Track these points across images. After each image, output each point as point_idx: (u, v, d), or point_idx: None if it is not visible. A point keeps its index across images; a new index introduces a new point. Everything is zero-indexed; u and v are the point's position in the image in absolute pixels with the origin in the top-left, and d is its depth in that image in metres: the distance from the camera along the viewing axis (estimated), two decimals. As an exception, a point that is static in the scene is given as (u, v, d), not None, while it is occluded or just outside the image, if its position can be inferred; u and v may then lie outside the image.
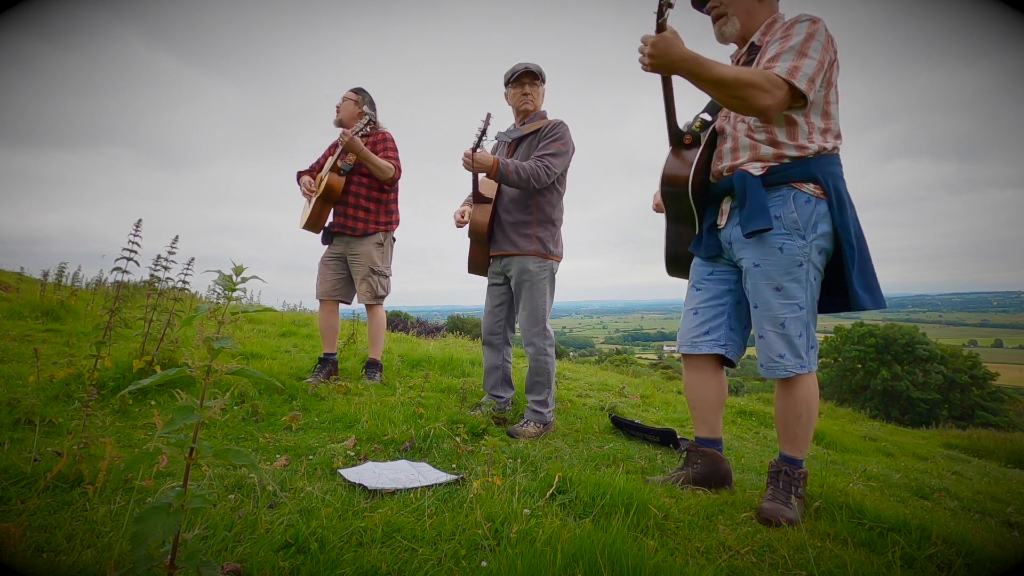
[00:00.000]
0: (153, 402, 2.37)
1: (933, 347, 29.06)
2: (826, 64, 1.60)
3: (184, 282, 2.79)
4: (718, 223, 1.83)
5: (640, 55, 1.57)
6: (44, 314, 4.37)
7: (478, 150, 2.46)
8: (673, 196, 1.84)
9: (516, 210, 2.61)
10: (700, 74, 1.54)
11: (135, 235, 2.50)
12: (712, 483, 1.85)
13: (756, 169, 1.69)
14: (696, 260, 1.95)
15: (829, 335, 33.64)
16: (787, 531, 1.51)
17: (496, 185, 2.67)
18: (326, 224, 3.25)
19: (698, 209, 1.84)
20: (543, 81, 2.68)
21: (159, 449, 1.54)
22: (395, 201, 3.31)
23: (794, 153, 1.66)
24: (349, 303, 3.31)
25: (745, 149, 1.72)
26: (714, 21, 1.85)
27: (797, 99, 1.58)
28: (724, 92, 1.55)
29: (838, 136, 1.70)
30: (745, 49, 1.80)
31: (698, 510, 1.62)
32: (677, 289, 2.04)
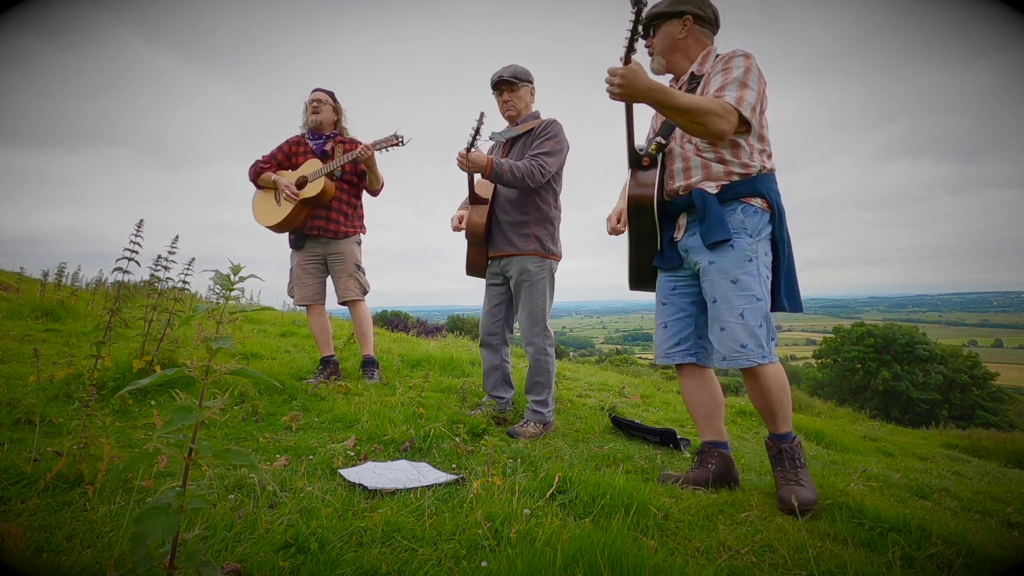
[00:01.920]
0: (153, 402, 2.37)
1: (933, 347, 29.04)
2: (761, 93, 1.79)
3: (184, 282, 2.79)
4: (675, 237, 1.99)
5: (608, 85, 1.70)
6: (44, 314, 4.37)
7: (472, 150, 2.45)
8: (639, 214, 1.97)
9: (513, 210, 2.61)
10: (666, 103, 1.69)
11: (136, 235, 2.50)
12: (724, 483, 1.91)
13: (712, 188, 1.85)
14: (661, 277, 2.09)
15: (828, 335, 33.62)
16: (787, 531, 1.51)
17: (492, 185, 2.66)
18: (298, 226, 3.15)
19: (659, 225, 1.98)
20: (525, 81, 2.65)
21: (158, 449, 1.54)
22: (362, 207, 3.34)
23: (740, 171, 1.84)
24: (325, 303, 3.30)
25: (697, 168, 1.88)
26: (650, 55, 2.05)
27: (742, 124, 1.76)
28: (687, 118, 1.70)
29: (771, 156, 1.89)
30: (687, 78, 1.97)
31: (698, 510, 1.62)
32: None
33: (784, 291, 1.87)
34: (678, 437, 2.56)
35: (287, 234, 3.23)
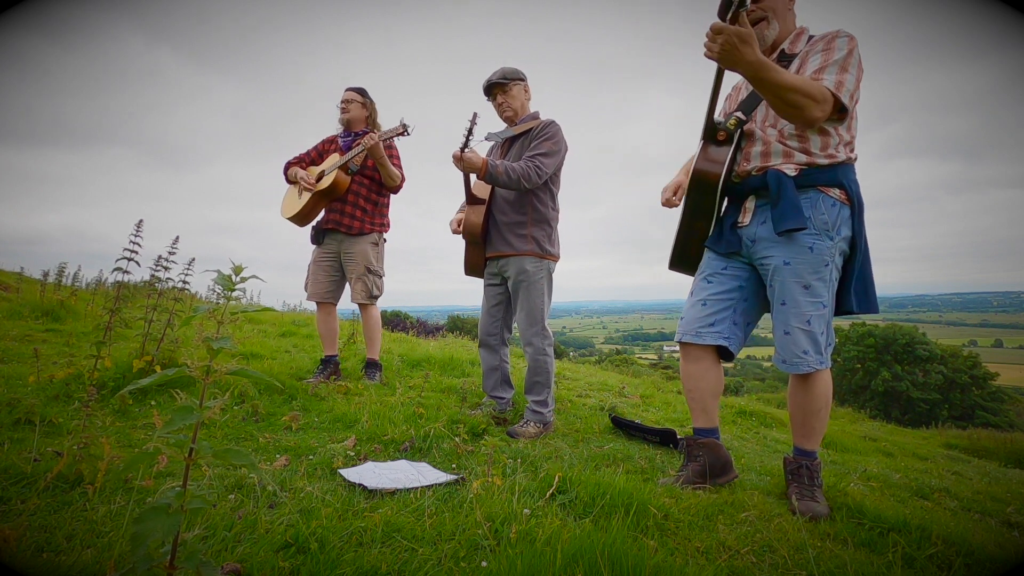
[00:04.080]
0: (153, 402, 2.37)
1: (933, 347, 29.06)
2: (859, 80, 1.67)
3: (184, 282, 2.79)
4: (740, 221, 1.86)
5: (709, 43, 1.53)
6: (44, 314, 4.37)
7: (467, 150, 2.44)
8: (702, 191, 1.85)
9: (511, 210, 2.60)
10: (767, 78, 1.54)
11: (136, 235, 2.51)
12: (716, 472, 1.87)
13: (790, 170, 1.74)
14: (709, 254, 1.98)
15: (829, 335, 33.51)
16: (787, 531, 1.51)
17: (490, 185, 2.66)
18: (316, 220, 3.21)
19: (720, 206, 1.87)
20: (516, 80, 2.63)
21: (159, 449, 1.54)
22: (388, 205, 3.33)
23: (824, 161, 1.73)
24: (336, 303, 3.30)
25: (778, 155, 1.76)
26: (751, 25, 1.82)
27: (836, 111, 1.64)
28: (784, 98, 1.57)
29: (853, 147, 1.78)
30: (776, 56, 1.82)
31: (698, 510, 1.62)
32: (677, 290, 2.08)
33: (855, 289, 1.76)
34: (678, 437, 2.56)
35: (308, 229, 3.26)
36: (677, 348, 2.02)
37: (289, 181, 3.28)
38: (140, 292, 4.78)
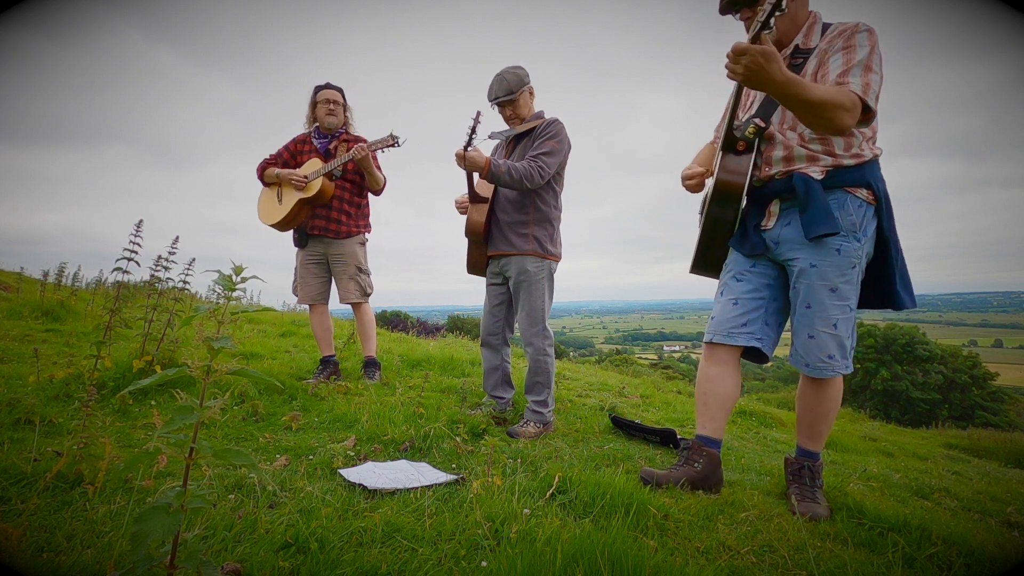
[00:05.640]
0: (153, 402, 2.37)
1: (933, 347, 29.04)
2: (883, 76, 1.61)
3: (184, 282, 2.79)
4: (764, 224, 1.83)
5: (732, 64, 1.49)
6: (44, 314, 4.37)
7: (470, 149, 2.43)
8: (725, 202, 1.82)
9: (513, 210, 2.60)
10: (793, 94, 1.49)
11: (136, 235, 2.51)
12: (707, 486, 1.83)
13: (816, 173, 1.70)
14: (735, 254, 1.94)
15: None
16: (787, 531, 1.51)
17: (492, 184, 2.66)
18: (299, 225, 3.17)
19: (743, 212, 1.85)
20: (521, 85, 2.58)
21: (159, 449, 1.54)
22: (368, 206, 3.33)
23: (851, 162, 1.69)
24: (327, 303, 3.29)
25: (801, 159, 1.72)
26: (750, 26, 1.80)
27: (864, 114, 1.59)
28: (815, 113, 1.52)
29: (876, 140, 1.74)
30: (790, 52, 1.77)
31: (698, 510, 1.62)
32: (677, 290, 2.06)
33: (901, 286, 1.74)
34: (678, 437, 2.56)
35: (291, 232, 3.24)
36: (677, 348, 2.01)
37: (267, 183, 3.19)
38: (140, 292, 4.78)
